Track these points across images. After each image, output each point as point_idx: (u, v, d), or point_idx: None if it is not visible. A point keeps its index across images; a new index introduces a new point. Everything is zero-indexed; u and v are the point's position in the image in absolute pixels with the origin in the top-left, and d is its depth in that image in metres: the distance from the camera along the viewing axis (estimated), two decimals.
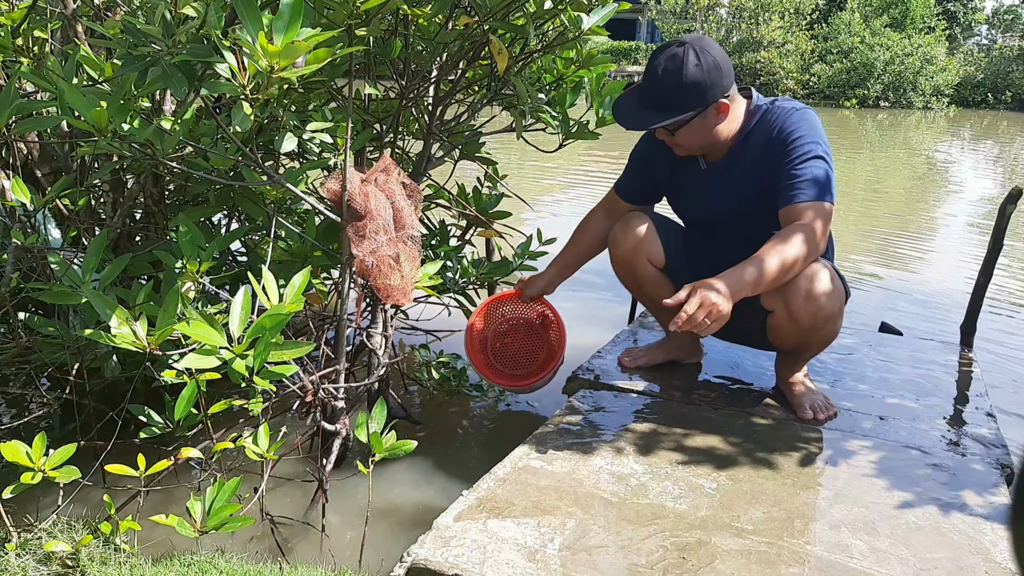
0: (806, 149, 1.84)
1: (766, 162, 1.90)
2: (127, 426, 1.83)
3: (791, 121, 1.88)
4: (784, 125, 1.88)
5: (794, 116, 1.89)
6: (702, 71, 1.81)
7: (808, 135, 1.85)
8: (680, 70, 1.80)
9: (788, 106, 1.92)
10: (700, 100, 1.83)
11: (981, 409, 2.16)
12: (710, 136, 1.92)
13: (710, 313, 1.64)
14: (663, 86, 1.83)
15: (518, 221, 2.97)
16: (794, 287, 1.86)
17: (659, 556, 1.43)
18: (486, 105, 2.27)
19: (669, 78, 1.82)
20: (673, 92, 1.82)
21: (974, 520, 1.59)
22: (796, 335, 1.97)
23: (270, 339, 1.36)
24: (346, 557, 1.72)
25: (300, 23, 1.23)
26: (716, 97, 1.85)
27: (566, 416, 2.02)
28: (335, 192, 1.70)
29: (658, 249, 2.11)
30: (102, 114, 1.30)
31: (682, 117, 1.84)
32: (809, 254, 1.80)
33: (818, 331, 1.94)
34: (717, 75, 1.83)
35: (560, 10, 1.89)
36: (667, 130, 1.90)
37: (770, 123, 1.91)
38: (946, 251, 5.28)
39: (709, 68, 1.82)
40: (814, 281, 1.86)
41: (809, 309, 1.88)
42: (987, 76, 26.65)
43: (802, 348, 2.03)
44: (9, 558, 1.43)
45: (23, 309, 1.91)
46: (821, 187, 1.83)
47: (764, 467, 1.78)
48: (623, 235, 2.11)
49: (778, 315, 1.95)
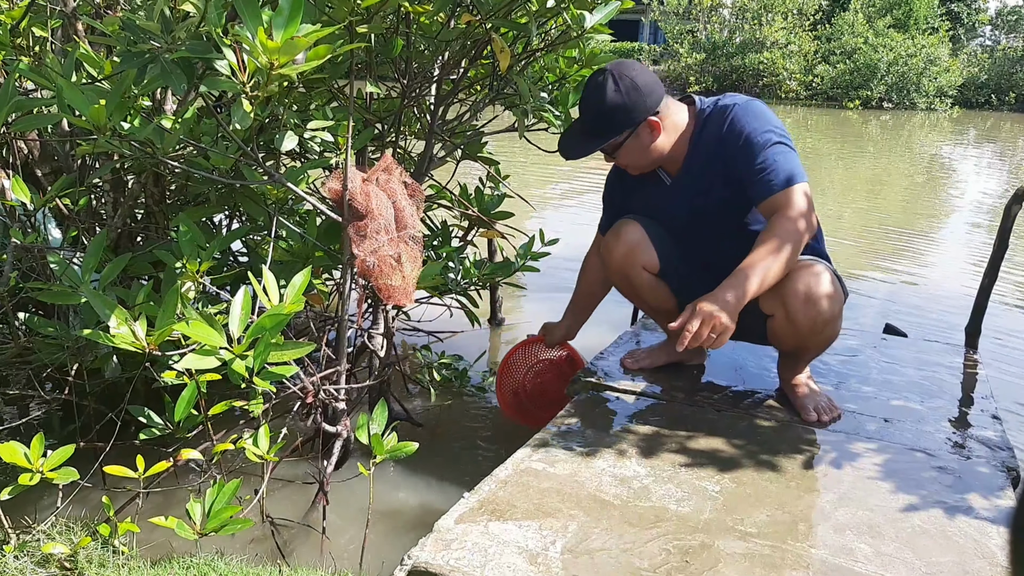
0: (761, 140, 1.85)
1: (724, 161, 1.92)
2: (127, 427, 1.82)
3: (736, 118, 1.89)
4: (730, 124, 1.89)
5: (736, 112, 1.90)
6: (621, 95, 1.87)
7: (757, 126, 1.87)
8: (601, 97, 1.87)
9: (729, 103, 1.93)
10: (626, 122, 1.90)
11: (986, 411, 2.14)
12: (651, 153, 1.97)
13: (714, 327, 1.67)
14: (590, 114, 1.92)
15: (520, 221, 2.96)
16: (792, 292, 1.87)
17: (662, 559, 1.42)
18: (488, 104, 2.26)
19: (593, 106, 1.90)
20: (598, 119, 1.90)
21: (980, 524, 1.57)
22: (796, 338, 1.97)
23: (270, 340, 1.35)
24: (347, 559, 1.71)
25: (300, 19, 1.22)
26: (643, 117, 1.90)
27: (568, 418, 2.01)
28: (336, 192, 1.69)
29: (652, 255, 2.10)
30: (101, 112, 1.29)
31: (612, 141, 1.91)
32: (801, 239, 1.81)
33: (817, 334, 1.94)
34: (637, 96, 1.88)
35: (563, 8, 1.88)
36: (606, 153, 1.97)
37: (715, 124, 1.93)
38: (951, 252, 5.26)
39: (628, 90, 1.87)
40: (812, 285, 1.87)
41: (808, 313, 1.88)
42: (991, 77, 26.62)
43: (802, 350, 2.03)
44: (7, 560, 1.42)
45: (23, 309, 1.90)
46: (789, 170, 1.84)
47: (768, 470, 1.76)
48: (615, 244, 2.11)
49: (777, 319, 1.96)
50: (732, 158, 1.89)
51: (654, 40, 32.70)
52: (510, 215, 2.54)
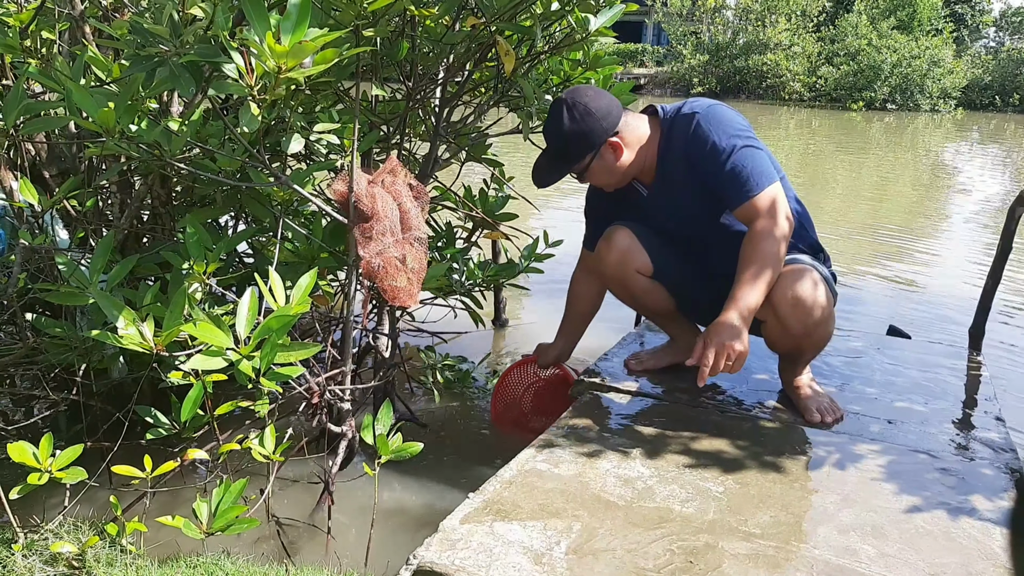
0: (727, 145, 1.86)
1: (692, 168, 1.93)
2: (134, 427, 1.83)
3: (699, 126, 1.89)
4: (695, 132, 1.90)
5: (699, 120, 1.90)
6: (576, 123, 1.89)
7: (718, 134, 1.87)
8: (559, 127, 1.90)
9: (689, 111, 1.93)
10: (586, 147, 1.92)
11: (990, 413, 2.14)
12: (618, 171, 1.98)
13: (729, 356, 1.73)
14: (552, 143, 1.95)
15: (524, 223, 2.97)
16: (781, 297, 1.89)
17: (666, 560, 1.42)
18: (493, 107, 2.26)
19: (552, 136, 1.93)
20: (560, 147, 1.93)
21: (984, 525, 1.58)
22: (789, 341, 1.99)
23: (277, 340, 1.36)
24: (352, 559, 1.72)
25: (308, 23, 1.22)
26: (602, 139, 1.92)
27: (572, 419, 2.01)
28: (342, 193, 1.69)
29: (644, 258, 2.10)
30: (110, 114, 1.30)
31: (577, 166, 1.94)
32: (782, 240, 1.83)
33: (809, 336, 1.96)
34: (592, 121, 1.90)
35: (567, 11, 1.88)
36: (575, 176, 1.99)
37: (681, 132, 1.93)
38: (954, 254, 5.25)
39: (582, 116, 1.89)
40: (799, 289, 1.88)
41: (798, 316, 1.90)
42: (994, 79, 26.58)
43: (798, 352, 2.04)
44: (16, 559, 1.43)
45: (30, 310, 1.91)
46: (758, 173, 1.85)
47: (771, 471, 1.77)
48: (607, 252, 2.11)
49: (769, 324, 1.99)
50: (700, 166, 1.91)
51: (657, 41, 32.69)
52: (514, 216, 2.54)
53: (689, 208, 2.01)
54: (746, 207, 1.85)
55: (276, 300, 1.45)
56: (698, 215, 2.01)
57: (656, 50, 29.73)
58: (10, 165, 1.83)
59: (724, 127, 1.88)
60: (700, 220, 2.02)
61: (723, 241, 1.99)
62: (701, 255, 2.10)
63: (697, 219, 2.02)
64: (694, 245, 2.10)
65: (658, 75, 27.05)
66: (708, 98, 1.99)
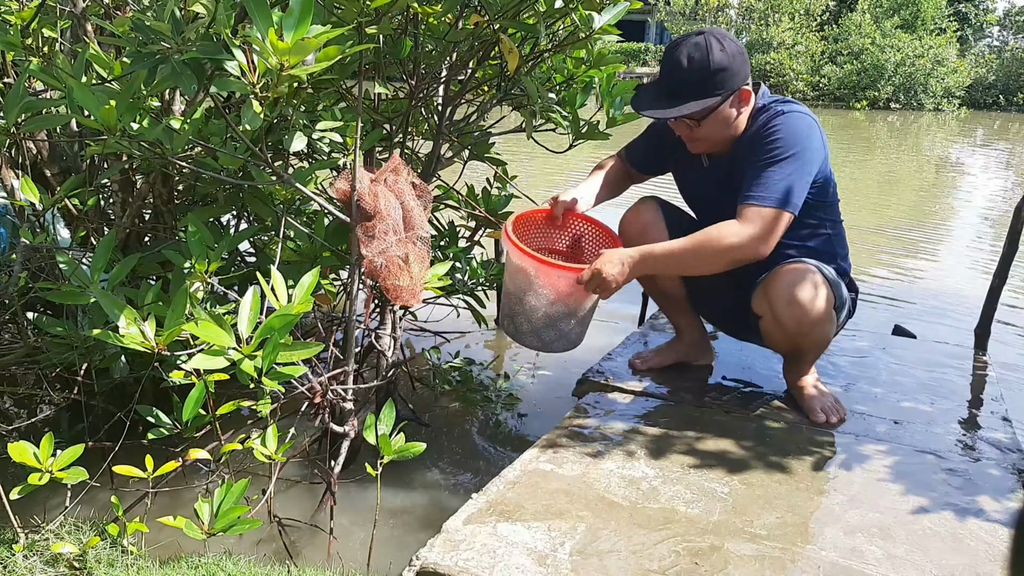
0: (775, 152, 1.83)
1: (753, 154, 1.91)
2: (135, 427, 1.83)
3: (773, 124, 1.87)
4: (766, 127, 1.88)
5: (778, 119, 1.87)
6: (727, 56, 1.82)
7: (784, 138, 1.84)
8: (706, 57, 1.80)
9: (780, 108, 1.90)
10: (728, 85, 1.84)
11: (997, 413, 2.13)
12: (730, 127, 1.92)
13: (599, 285, 1.83)
14: (691, 74, 1.82)
15: None
16: (776, 292, 1.89)
17: (671, 561, 1.41)
18: (496, 105, 2.25)
19: (696, 65, 1.81)
20: (702, 79, 1.82)
21: (991, 526, 1.56)
22: (785, 339, 1.98)
23: (279, 340, 1.35)
24: (354, 560, 1.71)
25: (310, 20, 1.21)
26: (740, 84, 1.86)
27: (576, 419, 2.00)
28: (344, 192, 1.68)
29: (664, 236, 2.11)
30: (111, 112, 1.29)
31: (712, 103, 1.83)
32: (733, 251, 1.80)
33: (805, 335, 1.94)
34: (741, 61, 1.84)
35: (571, 9, 1.87)
36: (693, 121, 1.89)
37: (764, 119, 1.91)
38: (960, 254, 5.24)
39: (734, 54, 1.83)
40: (795, 285, 1.87)
41: (792, 313, 1.89)
42: (999, 78, 26.53)
43: (797, 351, 2.03)
44: (16, 559, 1.43)
45: (32, 309, 1.90)
46: (779, 190, 1.81)
47: (777, 471, 1.76)
48: (633, 220, 2.16)
49: (766, 320, 1.99)
50: (754, 149, 1.89)
51: (660, 41, 32.67)
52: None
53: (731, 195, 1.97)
54: (745, 208, 1.83)
55: (278, 299, 1.44)
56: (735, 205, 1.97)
57: (659, 49, 29.69)
58: (12, 163, 1.82)
59: (793, 137, 1.85)
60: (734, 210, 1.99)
61: None
62: None
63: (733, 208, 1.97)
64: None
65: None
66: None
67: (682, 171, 2.14)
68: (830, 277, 1.96)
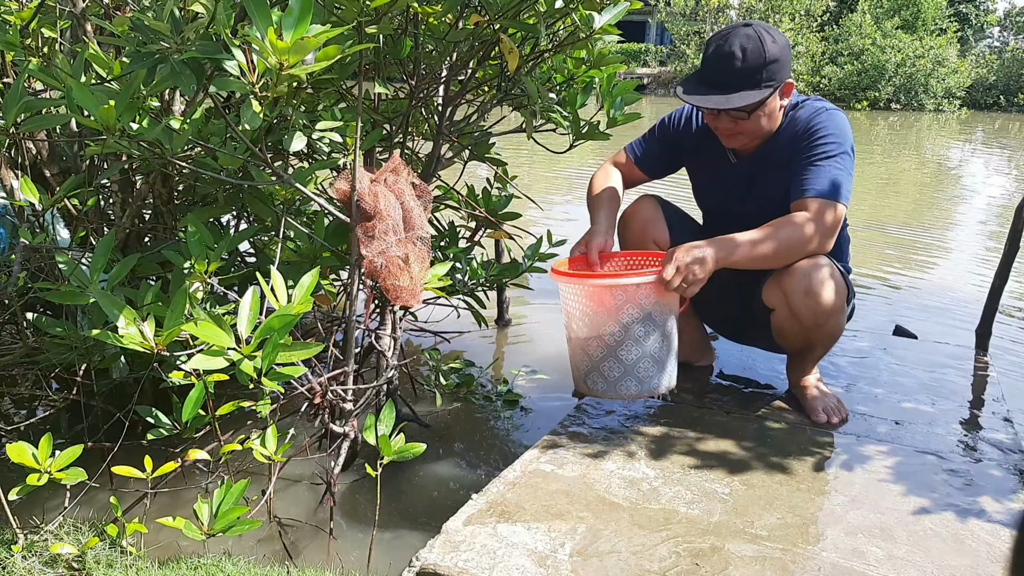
0: (828, 148, 1.86)
1: (790, 156, 1.91)
2: (134, 427, 1.82)
3: (818, 120, 1.89)
4: (811, 123, 1.89)
5: (822, 115, 1.90)
6: (779, 48, 1.83)
7: (834, 134, 1.87)
8: (760, 48, 1.80)
9: (819, 105, 1.93)
10: (779, 76, 1.84)
11: (998, 414, 2.13)
12: (772, 120, 1.93)
13: (686, 278, 1.74)
14: (746, 64, 1.81)
15: (528, 222, 2.95)
16: (793, 283, 1.87)
17: (672, 562, 1.41)
18: (496, 105, 2.25)
19: (751, 56, 1.81)
20: (756, 69, 1.81)
21: (993, 527, 1.56)
22: (799, 332, 1.96)
23: (278, 340, 1.35)
24: (354, 560, 1.70)
25: (310, 19, 1.21)
26: (787, 76, 1.87)
27: (576, 420, 2.00)
28: (344, 192, 1.68)
29: (664, 233, 2.13)
30: (110, 112, 1.29)
31: (765, 94, 1.83)
32: (807, 244, 1.81)
33: (820, 328, 1.93)
34: (789, 53, 1.85)
35: (571, 9, 1.87)
36: (742, 113, 1.88)
37: (798, 121, 1.93)
38: (961, 254, 5.23)
39: (783, 46, 1.84)
40: (812, 276, 1.86)
41: (808, 304, 1.88)
42: (999, 78, 26.55)
43: (807, 347, 2.02)
44: (15, 560, 1.42)
45: (31, 309, 1.90)
46: (835, 186, 1.84)
47: (778, 472, 1.75)
48: (632, 218, 2.16)
49: (779, 313, 1.96)
50: (801, 147, 1.89)
51: (661, 41, 32.67)
52: (517, 216, 2.53)
53: (763, 197, 1.99)
54: (808, 201, 1.84)
55: (278, 299, 1.43)
56: (766, 207, 1.98)
57: (659, 50, 29.70)
58: (11, 164, 1.82)
59: (841, 133, 1.89)
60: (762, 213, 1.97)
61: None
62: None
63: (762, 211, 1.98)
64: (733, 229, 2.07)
65: (661, 75, 27.01)
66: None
67: (703, 168, 2.12)
68: (841, 269, 1.97)
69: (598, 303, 1.82)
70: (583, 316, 1.86)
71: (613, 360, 1.85)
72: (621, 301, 1.80)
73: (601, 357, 1.86)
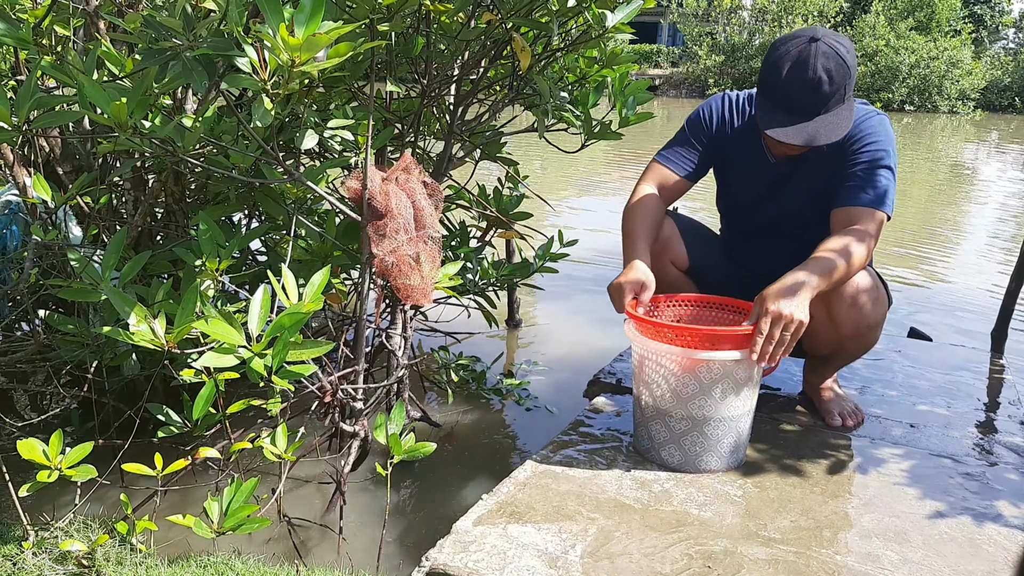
0: (877, 156, 1.79)
1: (836, 161, 1.84)
2: (145, 425, 1.82)
3: (867, 125, 1.82)
4: (865, 125, 1.82)
5: (872, 121, 1.83)
6: (851, 54, 1.74)
7: (882, 142, 1.80)
8: (843, 64, 1.71)
9: (867, 109, 1.85)
10: (850, 90, 1.76)
11: (1014, 417, 2.10)
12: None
13: (786, 327, 1.56)
14: (835, 87, 1.72)
15: (539, 222, 2.94)
16: (839, 293, 1.80)
17: (684, 565, 1.39)
18: (508, 104, 2.24)
19: (839, 76, 1.71)
20: (844, 87, 1.73)
21: (1009, 531, 1.54)
22: (835, 341, 1.92)
23: (289, 338, 1.34)
24: (364, 560, 1.70)
25: (322, 16, 1.21)
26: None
27: (587, 420, 1.99)
28: (356, 191, 1.68)
29: (681, 251, 2.06)
30: (122, 109, 1.29)
31: (850, 106, 1.76)
32: (864, 260, 1.74)
33: (858, 339, 1.90)
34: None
35: (584, 7, 1.86)
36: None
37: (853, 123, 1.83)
38: (976, 256, 5.19)
39: (851, 49, 1.75)
40: (859, 288, 1.81)
41: (852, 316, 1.83)
42: (1014, 80, 26.31)
43: (838, 355, 1.98)
44: (25, 556, 1.43)
45: (43, 306, 1.91)
46: (882, 196, 1.77)
47: (791, 474, 1.73)
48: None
49: (818, 320, 1.83)
50: (849, 152, 1.82)
51: (673, 42, 32.59)
52: (528, 216, 2.52)
53: (801, 202, 1.93)
54: (851, 210, 1.76)
55: (289, 298, 1.43)
56: (801, 212, 1.94)
57: (671, 51, 29.62)
58: (24, 161, 1.82)
59: (888, 141, 1.81)
60: (797, 218, 1.94)
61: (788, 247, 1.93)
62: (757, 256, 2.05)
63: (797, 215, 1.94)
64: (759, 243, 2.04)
65: (673, 76, 26.94)
66: None
67: (739, 168, 2.02)
68: (884, 281, 1.92)
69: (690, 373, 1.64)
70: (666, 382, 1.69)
71: (697, 434, 1.70)
72: (718, 376, 1.64)
73: (683, 431, 1.70)
